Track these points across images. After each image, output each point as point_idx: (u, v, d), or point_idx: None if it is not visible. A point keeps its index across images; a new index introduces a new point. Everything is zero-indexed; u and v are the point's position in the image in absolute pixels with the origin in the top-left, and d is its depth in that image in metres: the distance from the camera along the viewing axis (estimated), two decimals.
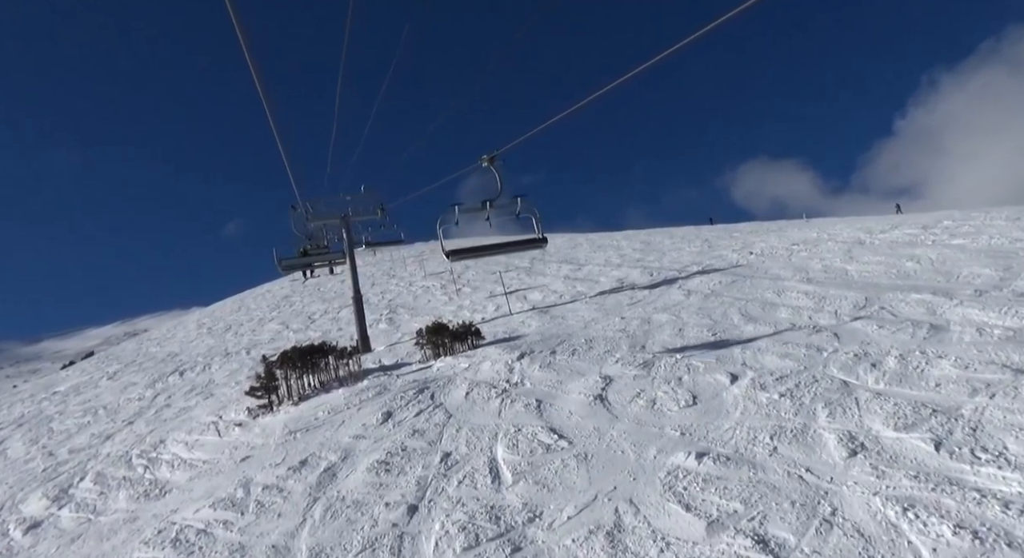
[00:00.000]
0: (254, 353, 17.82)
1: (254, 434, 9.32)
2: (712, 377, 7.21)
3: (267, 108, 7.61)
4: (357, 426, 8.32)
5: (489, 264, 27.92)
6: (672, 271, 15.37)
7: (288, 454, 7.96)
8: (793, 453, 5.16)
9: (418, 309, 19.65)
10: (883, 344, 7.08)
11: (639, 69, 5.15)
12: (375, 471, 6.73)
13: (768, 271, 12.62)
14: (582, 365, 8.73)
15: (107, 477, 9.19)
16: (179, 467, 8.80)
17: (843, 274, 10.97)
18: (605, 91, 5.72)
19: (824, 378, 6.45)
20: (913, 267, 10.41)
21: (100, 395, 17.33)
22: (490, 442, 6.88)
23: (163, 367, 19.23)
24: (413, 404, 8.63)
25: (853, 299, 9.08)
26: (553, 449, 6.34)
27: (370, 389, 9.90)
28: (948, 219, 14.71)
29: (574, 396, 7.62)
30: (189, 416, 11.63)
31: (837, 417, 5.56)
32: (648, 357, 8.45)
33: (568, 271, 20.18)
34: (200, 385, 14.86)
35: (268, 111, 7.73)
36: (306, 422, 9.15)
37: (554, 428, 6.83)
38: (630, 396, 7.23)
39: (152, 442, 10.34)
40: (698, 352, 8.28)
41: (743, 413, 6.09)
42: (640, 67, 5.15)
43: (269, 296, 34.38)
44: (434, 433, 7.45)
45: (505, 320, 14.05)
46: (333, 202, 16.18)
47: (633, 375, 7.88)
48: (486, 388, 8.61)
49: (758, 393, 6.45)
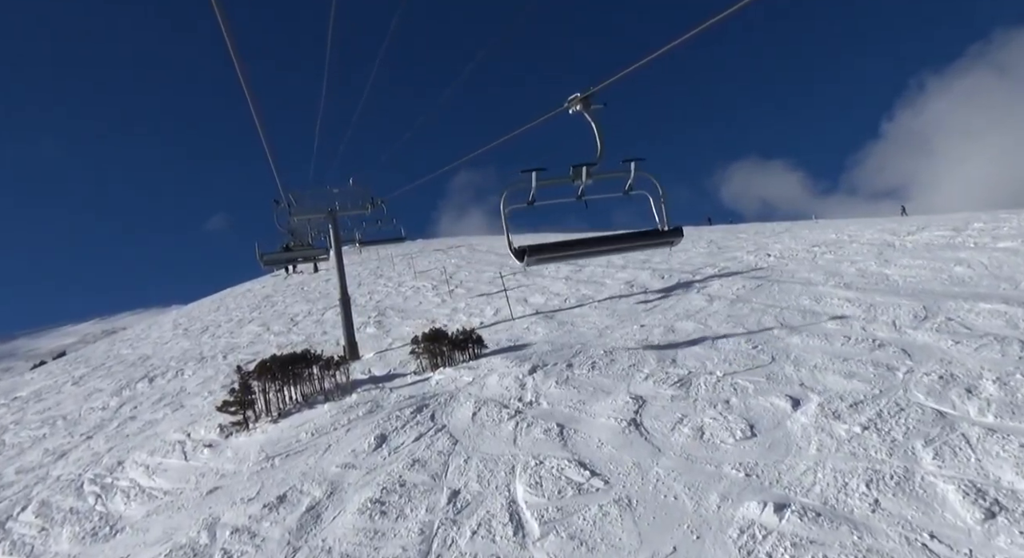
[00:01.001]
0: (231, 358, 16.51)
1: (225, 458, 8.10)
2: (767, 400, 6.13)
3: (246, 90, 6.51)
4: (346, 452, 7.14)
5: (481, 262, 26.76)
6: (685, 274, 14.33)
7: (264, 486, 6.76)
8: (903, 509, 4.08)
9: (409, 311, 18.45)
10: (968, 364, 6.05)
11: (632, 68, 4.94)
12: (368, 513, 5.57)
13: (795, 275, 11.62)
14: (606, 382, 7.61)
15: (52, 508, 7.92)
16: (136, 498, 7.55)
17: (883, 279, 9.98)
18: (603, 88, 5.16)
19: (911, 406, 5.39)
20: (965, 272, 9.44)
21: (62, 403, 15.94)
22: (507, 477, 5.75)
23: (132, 372, 17.84)
24: (411, 426, 7.46)
25: (909, 308, 8.06)
26: (586, 490, 5.22)
27: (360, 405, 8.71)
28: (977, 220, 13.82)
29: (602, 421, 6.50)
30: (154, 432, 10.35)
31: (947, 460, 4.49)
32: (683, 373, 7.36)
33: (568, 272, 19.06)
34: (170, 394, 13.55)
35: (247, 92, 6.62)
36: (286, 445, 7.95)
37: (583, 461, 5.71)
38: (670, 422, 6.13)
39: (109, 464, 9.07)
40: (740, 368, 7.20)
41: (820, 450, 5.01)
42: (631, 67, 4.93)
43: (250, 295, 32.89)
44: (438, 464, 6.30)
45: (507, 325, 12.92)
46: (319, 196, 14.95)
47: (670, 395, 6.78)
48: (495, 408, 7.47)
49: (832, 423, 5.37)
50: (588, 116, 5.01)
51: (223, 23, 4.71)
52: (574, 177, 5.31)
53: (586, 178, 5.33)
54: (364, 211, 15.04)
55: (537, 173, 5.16)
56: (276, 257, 16.17)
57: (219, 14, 4.56)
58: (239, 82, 6.29)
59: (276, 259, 16.32)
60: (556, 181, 5.38)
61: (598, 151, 5.27)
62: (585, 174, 5.32)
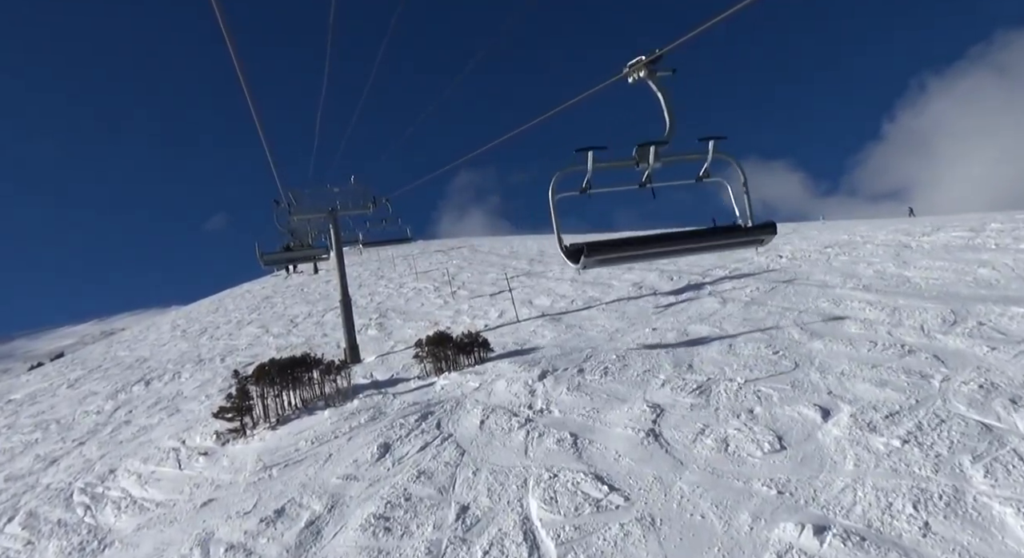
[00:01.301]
0: (229, 360, 16.17)
1: (221, 467, 7.75)
2: (795, 410, 5.78)
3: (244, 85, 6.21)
4: (347, 462, 6.80)
5: (483, 264, 26.41)
6: (694, 275, 13.99)
7: (261, 498, 6.42)
8: (957, 534, 3.73)
9: (411, 313, 18.10)
10: (1009, 372, 5.70)
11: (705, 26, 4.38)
12: (371, 530, 5.23)
13: (810, 277, 11.28)
14: (620, 389, 7.27)
15: (40, 519, 7.58)
16: (127, 509, 7.21)
17: (904, 281, 9.64)
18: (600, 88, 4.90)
19: (952, 417, 5.05)
20: (991, 274, 9.09)
21: (56, 406, 15.59)
22: (519, 492, 5.41)
23: (129, 375, 17.49)
24: (415, 434, 7.12)
25: (936, 312, 7.71)
26: (605, 507, 4.87)
27: (362, 412, 8.37)
28: (993, 221, 13.48)
29: (618, 430, 6.16)
30: (148, 438, 10.01)
31: (999, 478, 4.15)
32: (701, 379, 7.02)
33: (573, 273, 18.72)
34: (166, 398, 13.20)
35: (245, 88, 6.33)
36: (284, 453, 7.61)
37: (600, 475, 5.37)
38: (692, 433, 5.78)
39: (100, 472, 8.73)
40: (763, 374, 6.86)
41: (858, 465, 4.66)
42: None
43: (249, 297, 32.53)
44: (445, 476, 5.96)
45: (512, 328, 12.57)
46: (319, 195, 14.61)
47: (689, 404, 6.43)
48: (504, 415, 7.13)
49: (868, 436, 5.03)
50: (653, 85, 4.20)
51: (221, 19, 4.65)
52: (639, 159, 4.34)
53: (653, 161, 4.33)
54: (366, 211, 14.71)
55: (594, 153, 4.11)
56: (276, 257, 15.91)
57: (218, 12, 4.52)
58: (238, 78, 6.02)
59: (276, 259, 16.05)
60: (617, 164, 4.37)
61: (666, 128, 4.34)
62: (653, 156, 4.31)
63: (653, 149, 4.30)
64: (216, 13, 4.58)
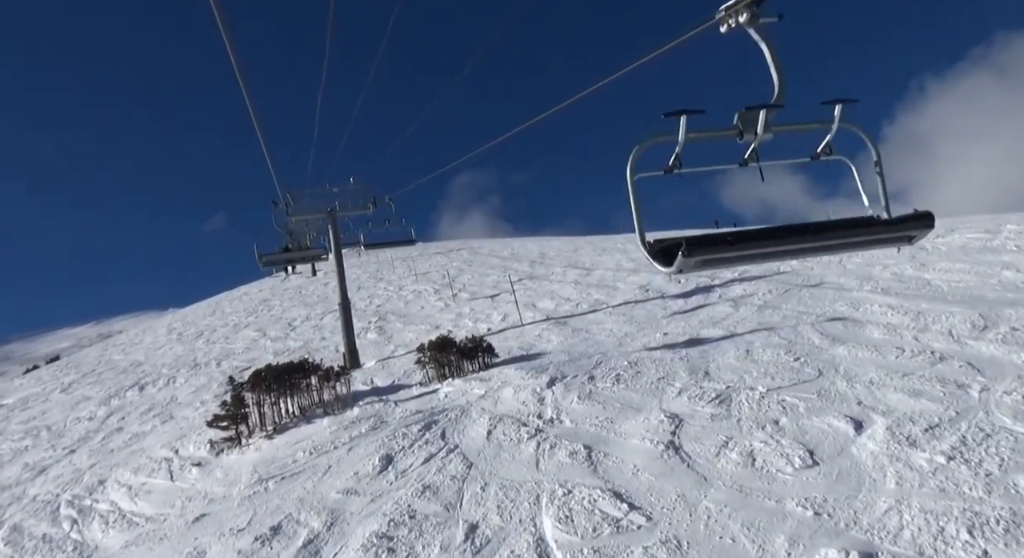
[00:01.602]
0: (225, 365, 15.80)
1: (215, 479, 7.39)
2: (824, 422, 5.44)
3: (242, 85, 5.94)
4: (347, 474, 6.45)
5: (484, 266, 26.04)
6: (701, 277, 13.65)
7: (256, 514, 6.06)
8: None
9: (411, 316, 17.74)
10: None
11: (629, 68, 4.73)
12: (373, 550, 4.89)
13: (824, 279, 10.95)
14: (634, 397, 6.93)
15: (24, 534, 7.22)
16: (115, 524, 6.84)
17: (924, 284, 9.31)
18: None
19: (998, 431, 4.71)
20: (1016, 277, 8.76)
21: (48, 412, 15.20)
22: (531, 509, 5.06)
23: (123, 379, 17.12)
24: (419, 445, 6.77)
25: (963, 316, 7.38)
26: (625, 527, 4.52)
27: (363, 421, 8.02)
28: (1008, 223, 13.16)
29: (635, 442, 5.81)
30: (140, 447, 9.64)
31: None
32: (720, 388, 6.67)
33: (576, 276, 18.39)
34: (160, 403, 12.83)
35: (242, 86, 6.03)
36: (281, 465, 7.25)
37: (618, 491, 5.02)
38: (714, 446, 5.44)
39: (89, 483, 8.36)
40: (785, 383, 6.51)
41: (900, 484, 4.32)
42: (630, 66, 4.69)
43: (246, 299, 32.13)
44: (451, 491, 5.61)
45: (517, 332, 12.22)
46: (318, 195, 14.27)
47: (709, 414, 6.09)
48: (513, 425, 6.78)
49: (908, 451, 4.68)
50: (756, 35, 3.22)
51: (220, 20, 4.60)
52: (743, 129, 3.20)
53: (763, 131, 3.20)
54: (365, 211, 14.37)
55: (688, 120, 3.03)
56: (275, 258, 15.60)
57: (216, 11, 4.45)
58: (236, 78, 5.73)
59: (275, 260, 15.75)
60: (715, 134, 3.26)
61: (775, 90, 3.24)
62: (762, 124, 3.18)
63: (763, 115, 3.18)
64: (215, 13, 4.53)
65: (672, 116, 3.03)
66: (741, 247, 3.06)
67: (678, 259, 2.89)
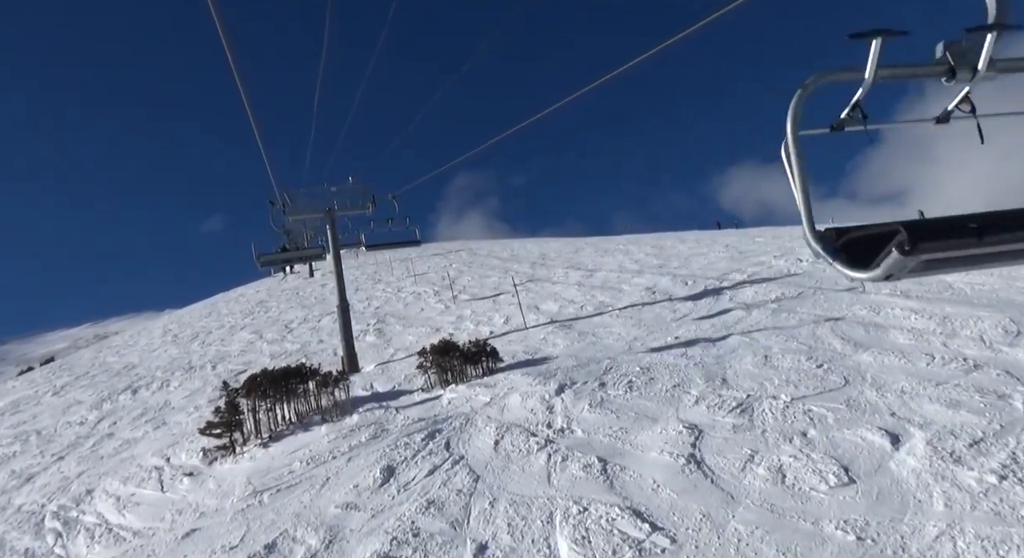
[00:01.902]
0: (220, 368, 15.41)
1: (207, 490, 7.03)
2: (857, 434, 5.10)
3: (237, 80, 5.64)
4: (347, 487, 6.10)
5: (484, 267, 25.67)
6: (710, 279, 13.31)
7: (250, 529, 5.71)
8: None
9: (410, 319, 17.37)
10: None
11: (626, 67, 4.89)
12: None
13: (837, 281, 10.60)
14: (649, 405, 6.58)
15: (5, 548, 6.86)
16: (100, 538, 6.48)
17: (946, 287, 8.98)
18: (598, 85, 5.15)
19: None
20: None
21: (39, 416, 14.81)
22: (544, 528, 4.71)
23: (116, 382, 16.71)
24: (423, 456, 6.42)
25: (993, 321, 7.05)
26: (649, 551, 4.18)
27: (362, 429, 7.66)
28: None
29: (653, 455, 5.47)
30: (131, 454, 9.26)
31: None
32: (740, 396, 6.33)
33: (579, 278, 18.04)
34: (153, 408, 12.44)
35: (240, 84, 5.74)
36: (277, 476, 6.89)
37: (638, 509, 4.68)
38: (739, 460, 5.09)
39: (77, 493, 8.00)
40: (810, 391, 6.17)
41: (949, 506, 3.98)
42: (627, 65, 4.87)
43: (243, 300, 31.69)
44: (458, 507, 5.26)
45: (521, 336, 11.87)
46: (316, 194, 13.90)
47: (730, 424, 5.75)
48: (521, 435, 6.43)
49: (954, 468, 4.34)
50: None
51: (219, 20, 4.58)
52: (955, 64, 2.09)
53: (985, 66, 2.06)
54: (365, 210, 14.00)
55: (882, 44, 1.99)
56: (274, 258, 15.26)
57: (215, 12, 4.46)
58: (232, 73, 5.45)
59: (273, 260, 15.41)
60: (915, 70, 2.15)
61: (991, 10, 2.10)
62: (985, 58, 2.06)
63: (990, 40, 2.03)
64: (213, 13, 4.50)
65: (860, 37, 2.01)
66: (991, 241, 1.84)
67: (891, 257, 1.79)
